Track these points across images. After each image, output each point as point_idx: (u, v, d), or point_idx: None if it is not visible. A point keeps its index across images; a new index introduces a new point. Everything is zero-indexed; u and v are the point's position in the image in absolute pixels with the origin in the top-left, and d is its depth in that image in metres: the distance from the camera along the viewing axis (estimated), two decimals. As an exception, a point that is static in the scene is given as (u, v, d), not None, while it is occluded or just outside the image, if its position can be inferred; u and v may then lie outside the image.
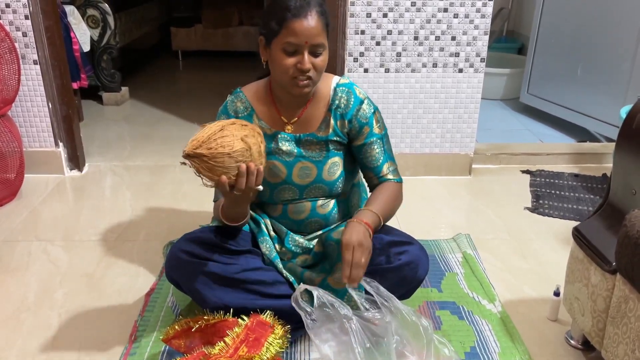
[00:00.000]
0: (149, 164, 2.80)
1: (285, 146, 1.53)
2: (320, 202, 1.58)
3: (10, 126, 2.36)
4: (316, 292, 1.32)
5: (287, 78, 1.40)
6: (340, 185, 1.58)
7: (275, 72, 1.43)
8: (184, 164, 1.28)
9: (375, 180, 1.56)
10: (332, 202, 1.60)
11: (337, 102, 1.52)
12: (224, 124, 1.30)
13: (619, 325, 1.25)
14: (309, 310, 1.31)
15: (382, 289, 1.35)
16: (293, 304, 1.33)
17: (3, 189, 2.34)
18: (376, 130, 1.53)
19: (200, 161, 1.26)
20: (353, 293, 1.38)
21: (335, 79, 1.54)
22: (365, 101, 1.52)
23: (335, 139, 1.53)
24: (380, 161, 1.54)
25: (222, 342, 1.28)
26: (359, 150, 1.55)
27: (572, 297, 1.47)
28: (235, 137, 1.28)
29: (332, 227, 1.61)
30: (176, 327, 1.43)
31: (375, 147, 1.53)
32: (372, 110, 1.53)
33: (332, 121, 1.52)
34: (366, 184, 1.63)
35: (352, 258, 1.32)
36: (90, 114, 3.55)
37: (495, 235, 2.15)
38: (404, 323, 1.32)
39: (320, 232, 1.61)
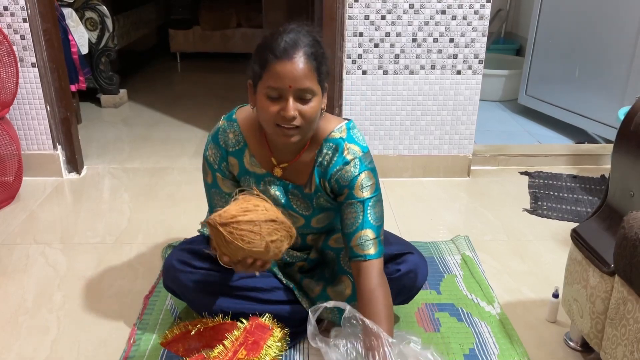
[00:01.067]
0: (147, 166, 2.80)
1: (274, 191, 1.41)
2: (310, 237, 1.54)
3: (9, 129, 2.36)
4: (348, 307, 1.27)
5: (272, 127, 1.25)
6: (332, 226, 1.52)
7: (261, 120, 1.30)
8: (203, 223, 1.22)
9: (348, 251, 1.36)
10: (323, 236, 1.55)
11: (320, 158, 1.36)
12: (262, 216, 1.19)
13: (617, 327, 1.25)
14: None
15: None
16: (310, 313, 1.27)
17: (1, 192, 2.34)
18: (357, 193, 1.33)
19: (216, 234, 1.19)
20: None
21: (330, 129, 1.36)
22: (352, 162, 1.33)
23: (319, 195, 1.39)
24: (354, 228, 1.33)
25: (221, 345, 1.28)
26: (341, 209, 1.38)
27: (571, 299, 1.47)
28: (263, 238, 1.18)
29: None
30: (175, 330, 1.43)
31: (352, 210, 1.33)
32: (357, 173, 1.33)
33: (315, 178, 1.37)
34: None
35: None
36: (88, 117, 3.55)
37: (493, 237, 2.15)
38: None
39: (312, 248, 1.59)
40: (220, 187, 1.44)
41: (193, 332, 1.39)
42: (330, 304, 1.28)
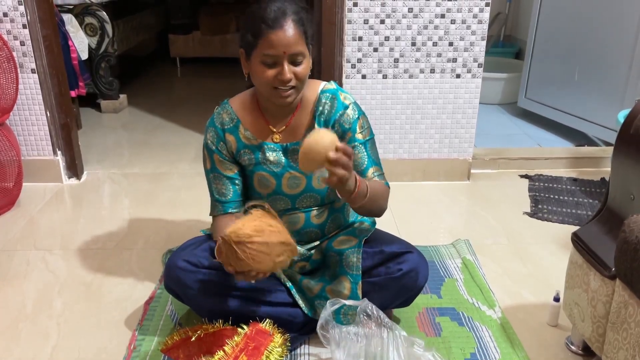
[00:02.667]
0: (147, 171, 2.80)
1: (273, 156, 1.50)
2: (314, 212, 1.56)
3: (9, 135, 2.36)
4: (364, 303, 1.33)
5: (269, 90, 1.38)
6: (332, 195, 1.55)
7: (257, 85, 1.42)
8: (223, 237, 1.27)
9: None
10: (326, 211, 1.59)
11: (320, 108, 1.49)
12: (274, 238, 1.27)
13: (619, 331, 1.24)
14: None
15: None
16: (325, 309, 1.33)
17: (1, 198, 2.34)
18: (359, 136, 1.49)
19: (228, 249, 1.25)
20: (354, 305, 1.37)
21: (321, 85, 1.51)
22: (350, 106, 1.49)
23: None
24: (365, 165, 1.49)
25: (221, 351, 1.28)
26: None
27: (572, 303, 1.47)
28: (272, 259, 1.27)
29: (331, 235, 1.61)
30: (175, 337, 1.42)
31: (357, 152, 1.48)
32: (357, 116, 1.49)
33: (316, 127, 1.48)
34: None
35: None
36: (88, 122, 3.55)
37: (494, 241, 2.15)
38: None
39: (318, 242, 1.60)
40: (219, 169, 1.52)
41: (193, 339, 1.39)
42: (349, 302, 1.36)
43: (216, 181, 1.53)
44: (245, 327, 1.36)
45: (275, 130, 1.50)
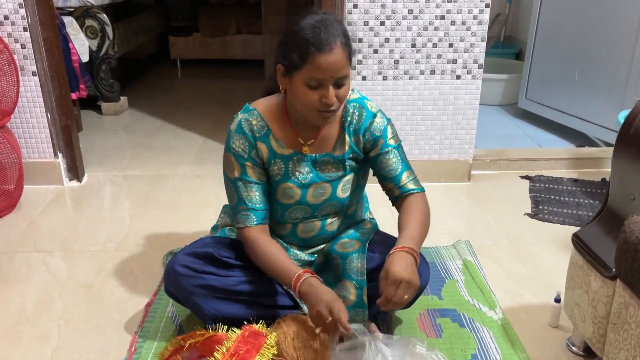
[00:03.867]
0: (147, 173, 2.80)
1: (303, 167, 1.49)
2: (329, 220, 1.56)
3: (10, 137, 2.37)
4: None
5: (312, 111, 1.35)
6: (350, 201, 1.56)
7: (298, 104, 1.38)
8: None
9: (397, 191, 1.50)
10: (341, 218, 1.59)
11: (349, 118, 1.48)
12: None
13: (619, 332, 1.24)
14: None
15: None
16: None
17: (2, 201, 2.34)
18: (390, 141, 1.49)
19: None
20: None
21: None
22: (378, 114, 1.49)
23: (351, 156, 1.50)
24: (399, 170, 1.49)
25: (211, 358, 1.28)
26: (375, 162, 1.50)
27: (573, 304, 1.46)
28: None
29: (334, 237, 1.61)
30: (169, 347, 1.42)
31: (392, 156, 1.48)
32: (386, 123, 1.49)
33: (347, 138, 1.48)
34: (387, 197, 1.55)
35: (395, 294, 1.27)
36: (89, 124, 3.55)
37: (495, 242, 2.14)
38: None
39: (322, 245, 1.60)
40: (249, 177, 1.46)
41: (187, 346, 1.39)
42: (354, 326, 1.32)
43: (247, 188, 1.46)
44: (236, 330, 1.36)
45: (303, 142, 1.48)
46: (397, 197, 1.50)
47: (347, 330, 1.28)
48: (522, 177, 2.73)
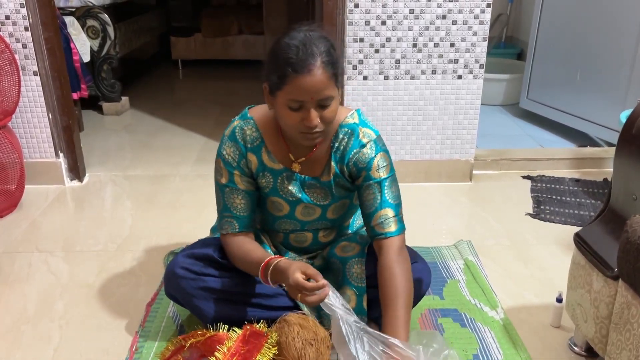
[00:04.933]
0: (149, 173, 2.80)
1: (291, 186, 1.45)
2: (322, 233, 1.56)
3: (11, 137, 2.37)
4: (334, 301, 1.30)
5: (295, 133, 1.30)
6: (344, 219, 1.56)
7: (282, 125, 1.34)
8: None
9: (369, 232, 1.43)
10: (335, 231, 1.59)
11: (337, 144, 1.41)
12: None
13: (622, 332, 1.24)
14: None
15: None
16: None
17: (3, 200, 2.34)
18: (374, 174, 1.39)
19: None
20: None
21: (343, 117, 1.41)
22: (368, 145, 1.39)
23: (338, 182, 1.45)
24: (373, 208, 1.39)
25: (213, 357, 1.27)
26: (359, 192, 1.44)
27: (575, 304, 1.46)
28: None
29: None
30: (170, 347, 1.42)
31: (370, 191, 1.39)
32: (373, 155, 1.39)
33: (332, 164, 1.42)
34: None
35: None
36: (90, 124, 3.56)
37: (496, 242, 2.14)
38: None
39: (319, 250, 1.60)
40: (237, 185, 1.43)
41: (187, 346, 1.38)
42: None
43: (233, 195, 1.43)
44: (237, 330, 1.35)
45: (294, 159, 1.43)
46: (372, 238, 1.42)
47: (323, 287, 1.24)
48: (524, 177, 2.73)
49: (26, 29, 2.38)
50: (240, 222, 1.44)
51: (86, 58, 3.46)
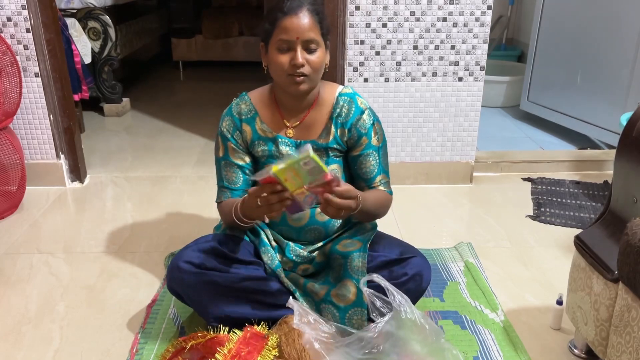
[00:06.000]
0: (150, 174, 2.81)
1: (285, 151, 1.54)
2: (318, 209, 1.57)
3: (12, 139, 2.37)
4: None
5: (283, 76, 1.43)
6: None
7: (273, 73, 1.47)
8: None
9: (366, 189, 1.58)
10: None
11: (338, 110, 1.54)
12: None
13: (622, 334, 1.24)
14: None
15: (394, 291, 1.35)
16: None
17: (4, 202, 2.34)
18: (374, 142, 1.56)
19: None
20: (364, 289, 1.38)
21: (339, 88, 1.57)
22: (366, 112, 1.55)
23: (335, 146, 1.55)
24: (374, 173, 1.57)
25: (213, 359, 1.28)
26: (354, 161, 1.58)
27: (575, 306, 1.46)
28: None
29: (334, 237, 1.61)
30: (170, 348, 1.42)
31: (371, 159, 1.56)
32: (372, 122, 1.55)
33: (332, 129, 1.54)
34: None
35: (336, 199, 1.29)
36: (91, 125, 3.56)
37: (497, 244, 2.14)
38: (412, 328, 1.32)
39: (321, 243, 1.60)
40: (231, 157, 1.56)
41: (188, 348, 1.39)
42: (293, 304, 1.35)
43: (227, 169, 1.57)
44: (238, 332, 1.36)
45: (289, 124, 1.55)
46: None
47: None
48: (524, 179, 2.73)
49: (27, 30, 2.39)
50: (234, 194, 1.57)
51: (87, 59, 3.47)
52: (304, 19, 1.40)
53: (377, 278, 1.37)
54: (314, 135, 1.55)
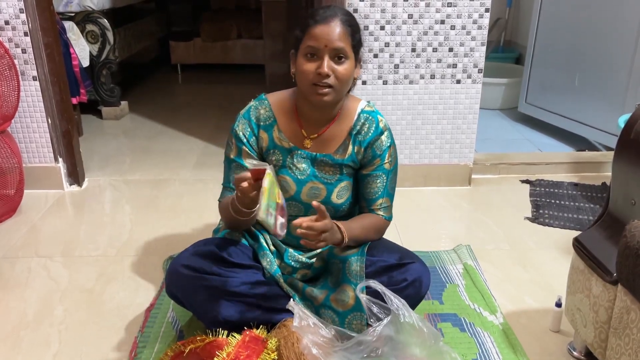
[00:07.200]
0: (148, 178, 2.81)
1: (300, 163, 1.52)
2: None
3: (10, 142, 2.37)
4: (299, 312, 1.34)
5: (308, 85, 1.40)
6: (347, 208, 1.57)
7: (298, 81, 1.44)
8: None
9: (365, 210, 1.57)
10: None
11: (358, 127, 1.52)
12: None
13: (621, 336, 1.24)
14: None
15: (392, 295, 1.35)
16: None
17: (3, 205, 2.34)
18: (386, 165, 1.53)
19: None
20: (362, 296, 1.37)
21: (362, 104, 1.54)
22: (386, 133, 1.53)
23: (350, 163, 1.54)
24: (377, 195, 1.54)
25: None
26: (362, 179, 1.56)
27: (574, 308, 1.46)
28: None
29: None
30: (169, 352, 1.42)
31: (378, 181, 1.53)
32: (389, 144, 1.53)
33: (350, 146, 1.52)
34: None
35: (317, 231, 1.33)
36: (89, 129, 3.56)
37: (495, 246, 2.14)
38: (410, 332, 1.32)
39: (319, 250, 1.60)
40: (243, 161, 1.52)
41: (186, 352, 1.38)
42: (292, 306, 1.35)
43: (237, 171, 1.53)
44: (237, 336, 1.35)
45: (307, 136, 1.52)
46: (368, 211, 1.57)
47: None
48: (523, 181, 2.73)
49: (25, 34, 2.39)
50: None
51: (85, 63, 3.47)
52: (335, 28, 1.37)
53: (374, 284, 1.37)
54: (331, 149, 1.53)
